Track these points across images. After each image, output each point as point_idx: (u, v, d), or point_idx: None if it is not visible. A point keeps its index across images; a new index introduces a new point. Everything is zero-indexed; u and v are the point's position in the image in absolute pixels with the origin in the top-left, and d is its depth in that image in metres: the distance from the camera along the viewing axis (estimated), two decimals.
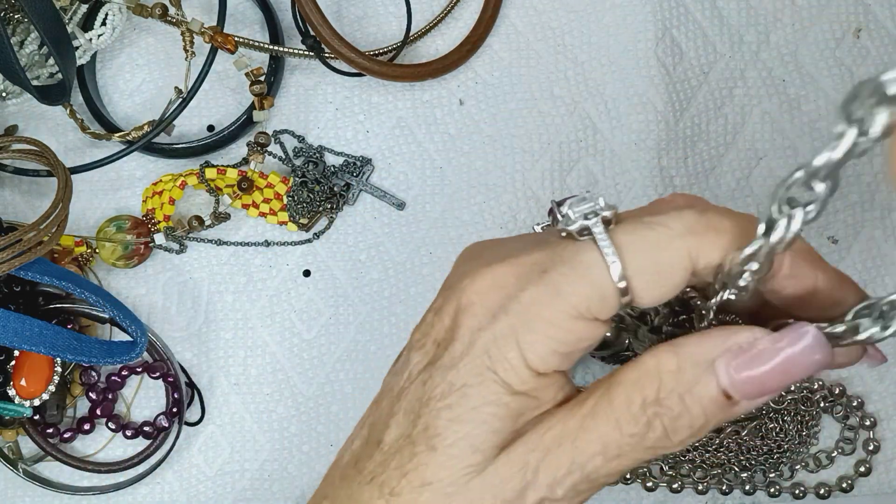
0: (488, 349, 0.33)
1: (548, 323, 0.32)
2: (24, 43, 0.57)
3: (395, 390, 0.35)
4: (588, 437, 0.32)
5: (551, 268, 0.32)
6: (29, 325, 0.51)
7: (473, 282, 0.34)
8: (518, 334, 0.32)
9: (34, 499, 0.57)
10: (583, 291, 0.32)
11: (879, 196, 0.58)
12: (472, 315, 0.33)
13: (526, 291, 0.32)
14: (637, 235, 0.32)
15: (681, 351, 0.32)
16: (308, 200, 0.58)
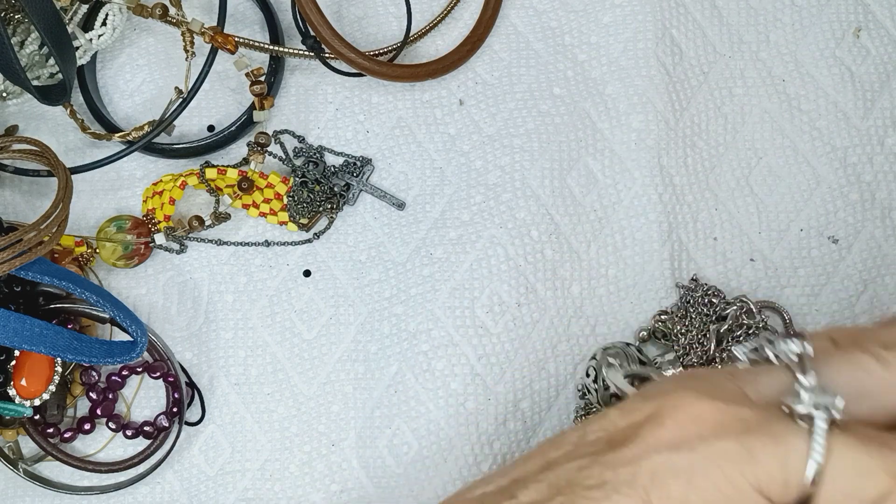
0: (656, 472, 0.32)
1: (726, 478, 0.31)
2: (25, 43, 0.58)
3: (548, 458, 0.35)
4: None
5: (756, 432, 0.32)
6: (29, 324, 0.52)
7: (675, 403, 0.34)
8: (692, 475, 0.32)
9: (34, 499, 0.57)
10: (773, 465, 0.31)
11: (880, 195, 0.58)
12: (658, 434, 0.33)
13: (721, 441, 0.32)
14: (852, 449, 0.31)
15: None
16: (308, 200, 0.58)
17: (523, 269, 0.58)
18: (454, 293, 0.58)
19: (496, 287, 0.57)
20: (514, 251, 0.58)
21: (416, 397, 0.56)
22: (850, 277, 0.58)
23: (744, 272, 0.57)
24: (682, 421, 0.33)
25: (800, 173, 0.58)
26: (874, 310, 0.58)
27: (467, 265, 0.58)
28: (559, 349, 0.57)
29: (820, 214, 0.58)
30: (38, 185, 0.60)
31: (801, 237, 0.58)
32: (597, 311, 0.57)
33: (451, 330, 0.57)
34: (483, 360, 0.57)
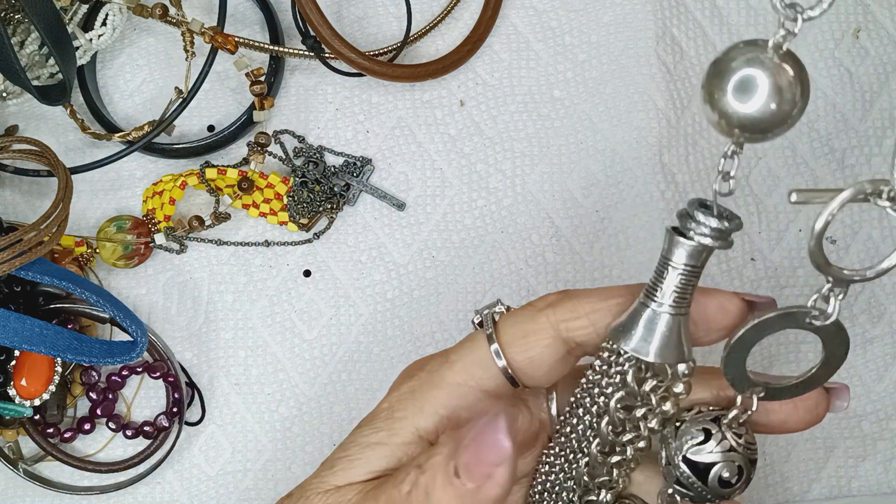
0: (390, 404, 0.39)
1: (435, 384, 0.39)
2: (25, 43, 0.57)
3: None
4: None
5: (451, 350, 0.40)
6: (29, 324, 0.51)
7: (407, 367, 0.42)
8: (415, 394, 0.39)
9: (34, 499, 0.57)
10: (466, 358, 0.39)
11: None
12: (392, 388, 0.41)
13: (429, 363, 0.40)
14: (512, 317, 0.39)
15: (455, 431, 0.37)
16: (308, 200, 0.58)
17: (524, 272, 0.58)
18: (458, 297, 0.58)
19: (498, 291, 0.58)
20: (515, 255, 0.58)
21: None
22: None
23: (745, 272, 0.58)
24: (407, 369, 0.41)
25: (798, 174, 0.59)
26: (872, 309, 0.58)
27: (470, 269, 0.58)
28: None
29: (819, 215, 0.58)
30: (38, 185, 0.60)
31: (799, 237, 0.58)
32: None
33: (454, 333, 0.57)
34: None
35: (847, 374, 0.57)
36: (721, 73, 0.31)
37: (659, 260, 0.36)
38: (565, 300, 0.39)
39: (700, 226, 0.35)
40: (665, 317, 0.36)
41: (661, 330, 0.36)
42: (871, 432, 0.57)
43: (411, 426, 0.39)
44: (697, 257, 0.36)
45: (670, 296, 0.36)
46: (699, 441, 0.37)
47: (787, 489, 0.57)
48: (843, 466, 0.57)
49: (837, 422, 0.57)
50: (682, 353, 0.37)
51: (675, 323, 0.36)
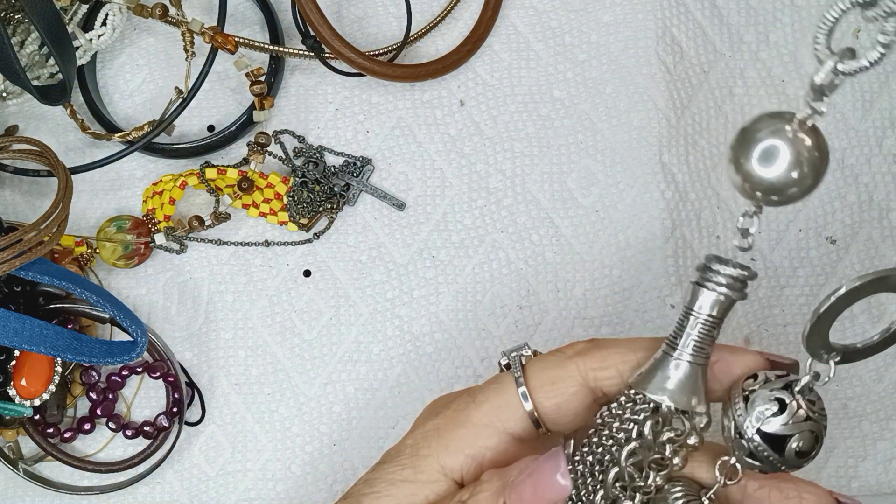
0: (415, 440, 0.40)
1: (461, 423, 0.39)
2: (25, 43, 0.57)
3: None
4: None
5: (479, 389, 0.41)
6: (29, 324, 0.51)
7: (432, 402, 0.43)
8: (441, 432, 0.40)
9: (34, 499, 0.57)
10: (494, 400, 0.40)
11: (877, 196, 0.58)
12: (416, 424, 0.42)
13: (455, 402, 0.41)
14: (541, 362, 0.40)
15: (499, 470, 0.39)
16: (308, 200, 0.58)
17: (524, 272, 0.58)
18: (457, 296, 0.58)
19: (498, 290, 0.58)
20: (515, 255, 0.58)
21: (421, 399, 0.56)
22: (848, 277, 0.58)
23: None
24: (433, 405, 0.43)
25: None
26: (872, 310, 0.58)
27: (470, 269, 0.58)
28: None
29: (818, 215, 0.58)
30: (38, 185, 0.60)
31: (799, 238, 0.58)
32: (600, 313, 0.57)
33: (454, 333, 0.57)
34: (486, 363, 0.57)
35: (847, 374, 0.57)
36: (747, 141, 0.34)
37: (682, 311, 0.38)
38: (595, 350, 0.40)
39: (716, 275, 0.37)
40: (684, 365, 0.38)
41: (679, 377, 0.38)
42: (871, 432, 0.57)
43: (437, 464, 0.39)
44: (716, 307, 0.37)
45: (689, 345, 0.38)
46: (773, 412, 0.37)
47: None
48: (843, 466, 0.57)
49: (837, 422, 0.57)
50: (698, 400, 0.38)
51: (692, 371, 0.38)
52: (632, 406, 0.38)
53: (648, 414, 0.38)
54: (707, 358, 0.38)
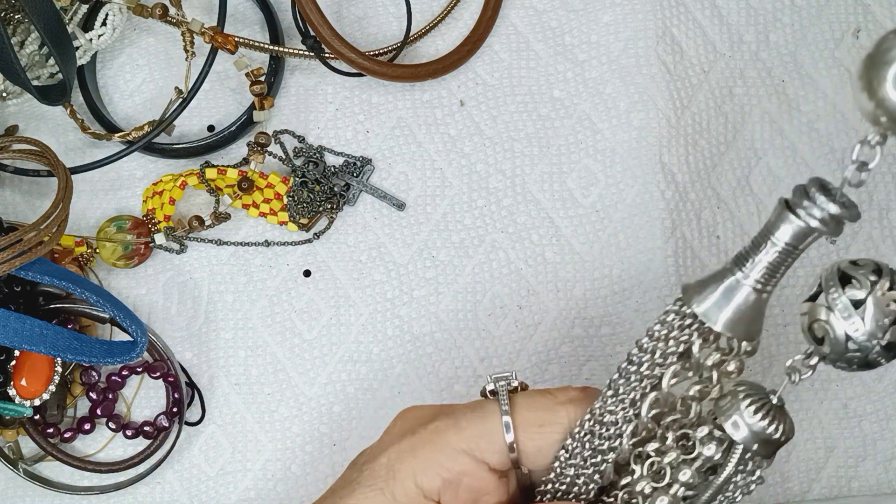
0: (390, 460, 0.40)
1: (439, 447, 0.39)
2: (25, 43, 0.57)
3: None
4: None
5: (461, 412, 0.40)
6: (29, 324, 0.51)
7: (403, 413, 0.43)
8: (417, 452, 0.39)
9: (34, 499, 0.57)
10: (476, 428, 0.39)
11: (877, 196, 0.58)
12: (391, 432, 0.41)
13: (434, 422, 0.40)
14: (529, 400, 0.40)
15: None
16: (308, 200, 0.58)
17: (524, 272, 0.58)
18: (457, 296, 0.58)
19: (498, 290, 0.58)
20: (515, 255, 0.58)
21: (421, 399, 0.56)
22: None
23: None
24: (407, 418, 0.42)
25: (798, 174, 0.59)
26: None
27: (470, 269, 0.58)
28: (562, 351, 0.57)
29: None
30: (38, 185, 0.60)
31: None
32: (600, 312, 0.57)
33: (454, 333, 0.57)
34: (486, 363, 0.57)
35: (847, 374, 0.57)
36: (878, 64, 0.30)
37: (760, 230, 0.35)
38: (587, 400, 0.39)
39: (815, 208, 0.33)
40: (746, 289, 0.35)
41: (738, 302, 0.35)
42: (871, 432, 0.57)
43: (412, 485, 0.39)
44: (801, 239, 0.34)
45: (760, 270, 0.35)
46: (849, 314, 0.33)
47: (788, 489, 0.57)
48: (843, 466, 0.57)
49: (838, 422, 0.57)
50: (753, 334, 0.35)
51: (754, 300, 0.35)
52: (681, 323, 0.36)
53: (701, 334, 0.35)
54: (773, 288, 0.35)
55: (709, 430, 0.36)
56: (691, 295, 0.35)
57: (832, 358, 0.34)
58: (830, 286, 0.33)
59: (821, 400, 0.57)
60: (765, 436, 0.35)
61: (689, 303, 0.35)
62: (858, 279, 0.33)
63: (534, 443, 0.39)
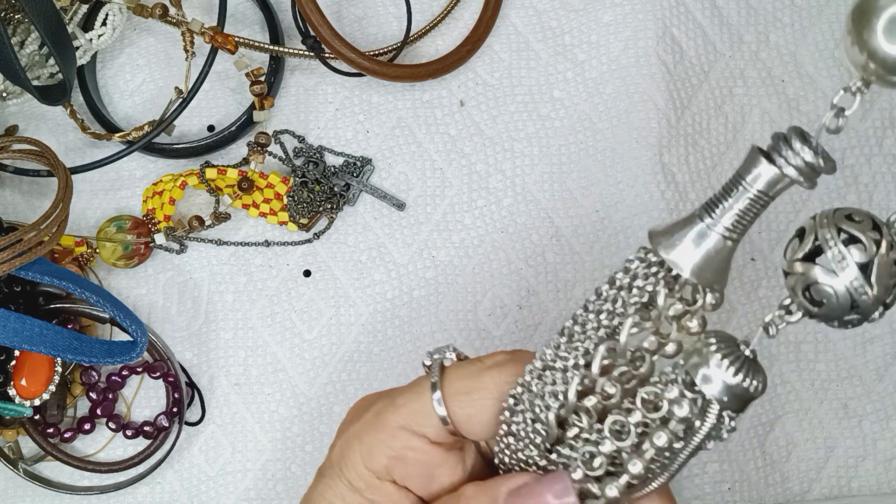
0: (341, 448, 0.40)
1: (380, 427, 0.39)
2: (25, 43, 0.57)
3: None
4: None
5: (398, 391, 0.40)
6: (29, 324, 0.51)
7: (356, 403, 0.43)
8: (361, 435, 0.40)
9: (34, 499, 0.57)
10: (411, 404, 0.39)
11: (877, 196, 0.58)
12: (343, 425, 0.42)
13: (375, 405, 0.40)
14: (459, 369, 0.39)
15: (482, 485, 0.39)
16: (308, 200, 0.58)
17: (524, 272, 0.58)
18: (457, 296, 0.58)
19: (497, 290, 0.58)
20: (515, 255, 0.58)
21: None
22: None
23: (745, 272, 0.58)
24: (356, 406, 0.42)
25: None
26: None
27: (470, 269, 0.58)
28: None
29: None
30: (38, 185, 0.60)
31: None
32: None
33: (454, 333, 0.57)
34: None
35: (847, 374, 0.57)
36: (868, 12, 0.29)
37: (732, 177, 0.34)
38: (511, 363, 0.39)
39: (793, 155, 0.32)
40: (716, 236, 0.33)
41: (707, 249, 0.33)
42: (872, 432, 0.57)
43: (363, 469, 0.40)
44: (773, 186, 0.33)
45: (730, 217, 0.33)
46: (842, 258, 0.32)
47: (788, 489, 0.57)
48: (844, 466, 0.57)
49: (838, 422, 0.57)
50: (719, 282, 0.34)
51: (723, 247, 0.33)
52: (646, 271, 0.35)
53: (667, 281, 0.34)
54: (741, 236, 0.33)
55: (679, 391, 0.34)
56: (659, 241, 0.34)
57: (824, 318, 0.33)
58: (832, 246, 0.32)
59: (821, 400, 0.57)
60: (738, 389, 0.33)
61: (657, 249, 0.34)
62: (863, 239, 0.31)
63: (463, 411, 0.39)
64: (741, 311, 0.57)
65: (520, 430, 0.37)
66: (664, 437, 0.34)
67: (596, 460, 0.35)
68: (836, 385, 0.57)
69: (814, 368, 0.57)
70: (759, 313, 0.57)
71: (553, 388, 0.36)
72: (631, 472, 0.34)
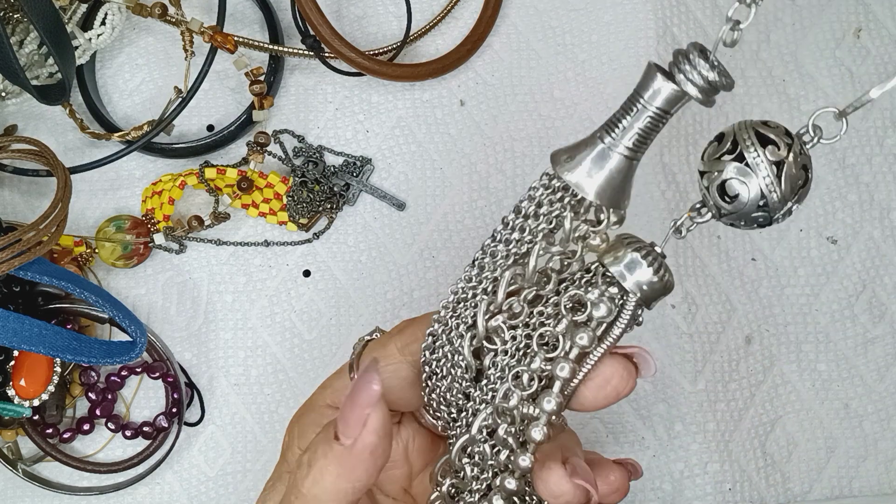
0: (286, 437, 0.42)
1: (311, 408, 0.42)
2: (24, 42, 0.57)
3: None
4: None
5: (329, 377, 0.42)
6: (28, 325, 0.51)
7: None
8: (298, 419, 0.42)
9: (34, 499, 0.57)
10: (335, 384, 0.42)
11: (878, 196, 0.58)
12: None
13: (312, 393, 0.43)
14: (372, 344, 0.41)
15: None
16: (308, 200, 0.58)
17: None
18: None
19: None
20: None
21: None
22: (850, 277, 0.58)
23: (745, 271, 0.58)
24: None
25: None
26: (873, 310, 0.58)
27: None
28: None
29: (819, 215, 0.58)
30: (37, 185, 0.60)
31: (800, 237, 0.58)
32: None
33: None
34: None
35: (848, 374, 0.57)
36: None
37: (630, 95, 0.34)
38: (412, 325, 0.40)
39: (692, 71, 0.32)
40: (617, 157, 0.34)
41: (610, 169, 0.34)
42: (873, 432, 0.57)
43: (297, 450, 0.41)
44: (673, 103, 0.33)
45: (630, 137, 0.34)
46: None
47: (789, 489, 0.57)
48: (845, 467, 0.57)
49: (839, 422, 0.57)
50: (621, 201, 0.34)
51: (625, 166, 0.34)
52: (551, 197, 0.35)
53: (572, 205, 0.35)
54: (642, 154, 0.34)
55: (599, 292, 0.35)
56: (561, 164, 0.34)
57: (732, 216, 0.33)
58: (749, 146, 0.32)
59: (822, 400, 0.57)
60: (651, 283, 0.34)
61: (560, 172, 0.34)
62: (777, 142, 0.32)
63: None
64: (742, 311, 0.57)
65: (441, 368, 0.38)
66: (586, 337, 0.34)
67: (524, 377, 0.35)
68: (838, 385, 0.57)
69: (815, 368, 0.57)
70: (759, 313, 0.57)
71: (466, 314, 0.37)
72: (560, 375, 0.35)
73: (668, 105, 0.33)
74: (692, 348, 0.57)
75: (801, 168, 0.32)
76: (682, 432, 0.57)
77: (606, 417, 0.57)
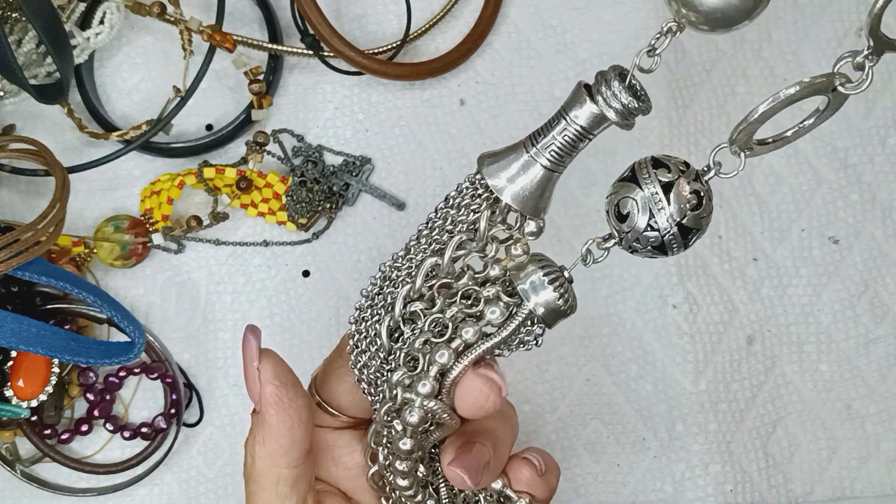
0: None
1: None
2: (22, 42, 0.57)
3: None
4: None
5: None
6: (26, 325, 0.51)
7: None
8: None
9: (32, 500, 0.57)
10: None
11: (880, 195, 0.58)
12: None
13: None
14: (327, 358, 0.43)
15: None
16: (307, 200, 0.58)
17: None
18: None
19: None
20: None
21: None
22: (851, 277, 0.58)
23: (747, 271, 0.57)
24: None
25: (801, 173, 0.58)
26: (875, 310, 0.58)
27: None
28: (562, 351, 0.56)
29: (821, 215, 0.58)
30: (36, 185, 0.59)
31: (802, 237, 0.58)
32: (600, 312, 0.57)
33: None
34: None
35: (851, 374, 0.57)
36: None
37: (558, 110, 0.35)
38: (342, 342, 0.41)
39: (612, 96, 0.34)
40: (537, 167, 0.35)
41: (529, 178, 0.35)
42: (875, 433, 0.57)
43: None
44: (594, 124, 0.35)
45: (552, 151, 0.35)
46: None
47: (790, 490, 0.56)
48: (847, 468, 0.56)
49: (841, 423, 0.57)
50: (539, 211, 0.36)
51: (544, 177, 0.35)
52: (473, 192, 0.37)
53: (489, 203, 0.36)
54: (563, 169, 0.35)
55: (496, 291, 0.36)
56: (485, 166, 0.36)
57: (630, 238, 0.35)
58: (643, 168, 0.34)
59: (824, 401, 0.57)
60: (553, 305, 0.37)
61: (482, 173, 0.36)
62: (670, 166, 0.34)
63: (327, 394, 0.42)
64: (743, 311, 0.57)
65: (362, 344, 0.39)
66: (471, 332, 0.36)
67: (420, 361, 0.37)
68: (839, 386, 0.57)
69: (817, 369, 0.57)
70: (761, 312, 0.57)
71: (389, 292, 0.38)
72: (438, 360, 0.36)
73: (590, 126, 0.35)
74: (693, 349, 0.57)
75: (694, 193, 0.34)
76: (684, 433, 0.57)
77: (607, 418, 0.57)
